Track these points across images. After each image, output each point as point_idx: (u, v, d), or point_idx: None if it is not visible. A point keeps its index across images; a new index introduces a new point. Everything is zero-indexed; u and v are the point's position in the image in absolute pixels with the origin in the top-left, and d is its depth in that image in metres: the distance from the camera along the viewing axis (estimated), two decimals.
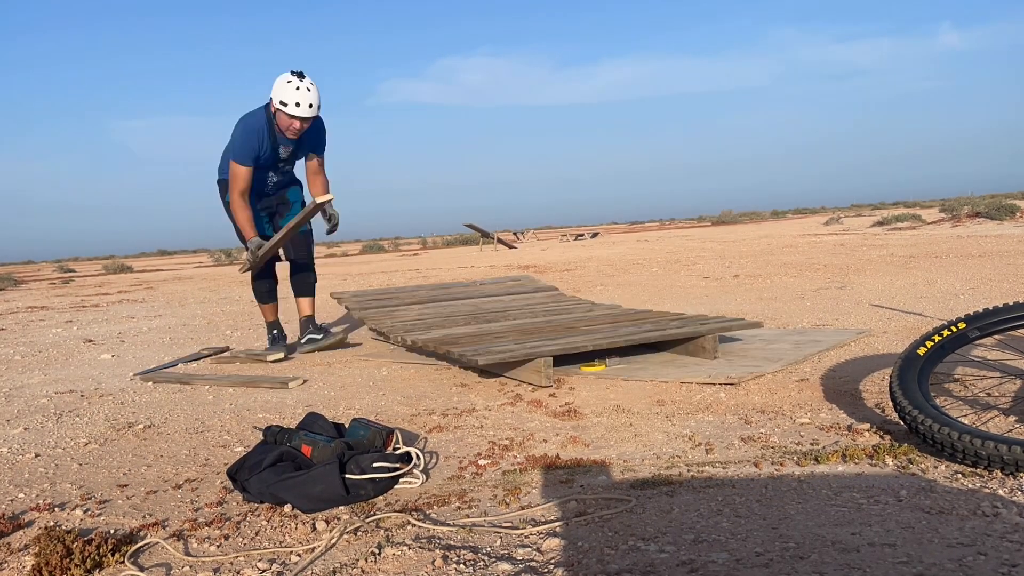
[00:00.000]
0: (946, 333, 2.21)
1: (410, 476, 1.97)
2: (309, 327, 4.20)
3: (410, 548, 1.54)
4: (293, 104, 3.64)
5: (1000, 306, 2.25)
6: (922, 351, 2.17)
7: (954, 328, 2.22)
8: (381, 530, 1.66)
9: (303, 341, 4.18)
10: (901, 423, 2.02)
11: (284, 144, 3.87)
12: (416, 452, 2.04)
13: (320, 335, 4.16)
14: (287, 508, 1.82)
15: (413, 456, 2.03)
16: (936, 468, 1.82)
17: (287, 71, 3.70)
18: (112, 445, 2.51)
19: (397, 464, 1.94)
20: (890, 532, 1.45)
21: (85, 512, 1.89)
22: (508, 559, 1.47)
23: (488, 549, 1.52)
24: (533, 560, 1.46)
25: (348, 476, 1.85)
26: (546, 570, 1.41)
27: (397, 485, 1.94)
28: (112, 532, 1.74)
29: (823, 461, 1.90)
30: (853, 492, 1.68)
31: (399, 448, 2.07)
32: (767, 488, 1.75)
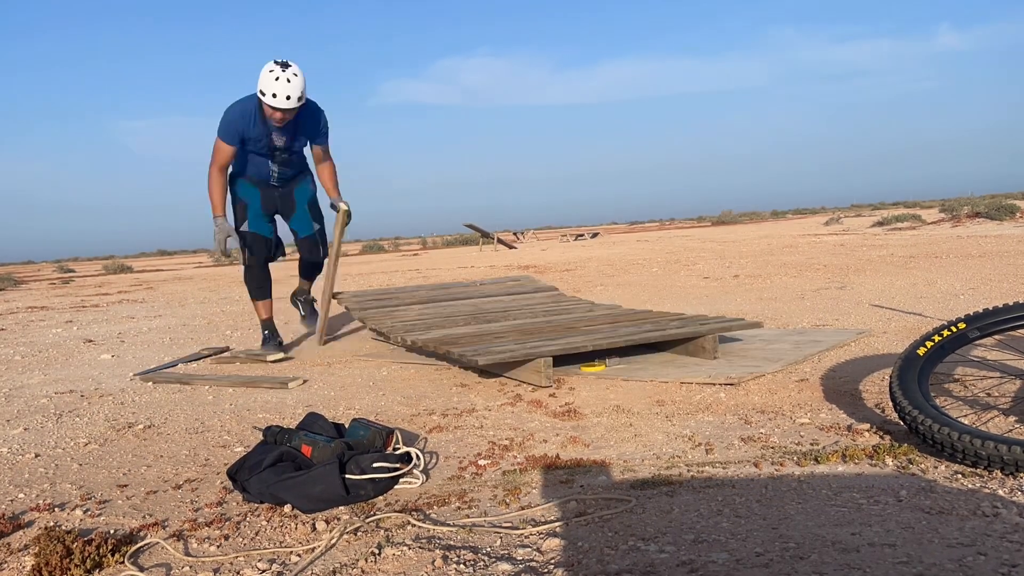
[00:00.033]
0: (946, 333, 2.21)
1: (410, 476, 1.97)
2: (302, 296, 4.51)
3: (410, 548, 1.54)
4: (270, 95, 3.57)
5: (1000, 306, 2.25)
6: (922, 351, 2.17)
7: (954, 328, 2.22)
8: (381, 530, 1.66)
9: (301, 310, 4.51)
10: (901, 423, 2.02)
11: (277, 132, 3.78)
12: (416, 452, 2.04)
13: (305, 312, 4.51)
14: (287, 508, 1.82)
15: (413, 456, 2.03)
16: (936, 468, 1.82)
17: (273, 60, 3.60)
18: (112, 445, 2.51)
19: (397, 464, 1.94)
20: (890, 532, 1.45)
21: (85, 512, 1.89)
22: (508, 559, 1.47)
23: (488, 549, 1.52)
24: (533, 560, 1.46)
25: (348, 476, 1.85)
26: (546, 570, 1.41)
27: (397, 485, 1.94)
28: (112, 532, 1.74)
29: (823, 461, 1.90)
30: (853, 492, 1.68)
31: (399, 448, 2.07)
32: (767, 488, 1.75)
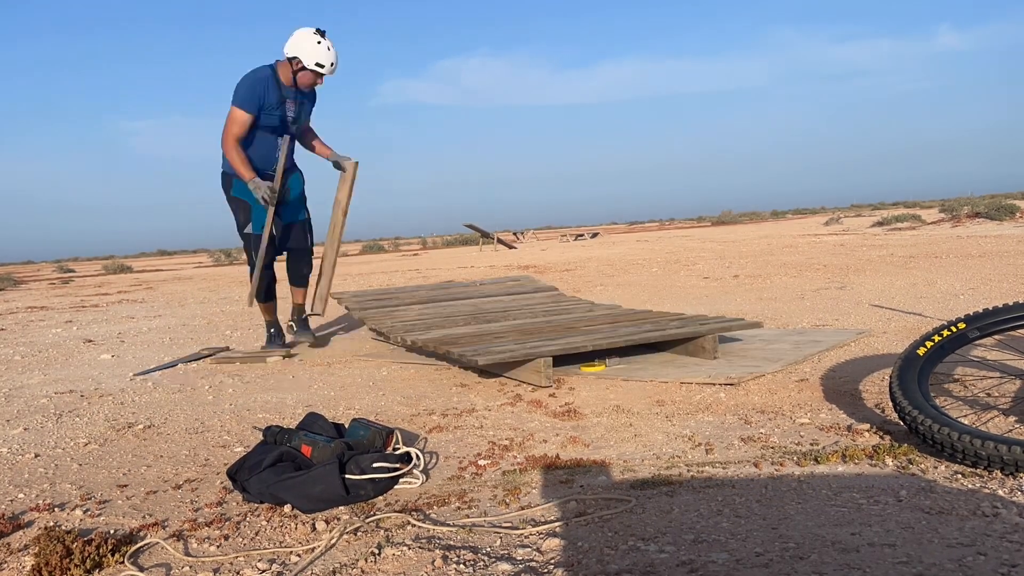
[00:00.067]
0: (946, 333, 2.21)
1: (410, 476, 1.97)
2: (294, 315, 4.38)
3: (410, 548, 1.54)
4: (328, 64, 3.67)
5: (1000, 306, 2.25)
6: (922, 351, 2.17)
7: (954, 328, 2.22)
8: (381, 530, 1.66)
9: (293, 327, 4.37)
10: (901, 423, 2.02)
11: (291, 98, 3.78)
12: (416, 452, 2.04)
13: (298, 328, 4.35)
14: (287, 508, 1.82)
15: (413, 456, 2.03)
16: (936, 468, 1.82)
17: (308, 29, 3.59)
18: (112, 445, 2.51)
19: (397, 464, 1.94)
20: (890, 532, 1.45)
21: (85, 512, 1.89)
22: (508, 559, 1.47)
23: (488, 549, 1.52)
24: (533, 560, 1.46)
25: (348, 476, 1.85)
26: (546, 570, 1.41)
27: (397, 485, 1.94)
28: (112, 532, 1.74)
29: (823, 461, 1.90)
30: (853, 492, 1.68)
31: (399, 448, 2.07)
32: (767, 488, 1.75)
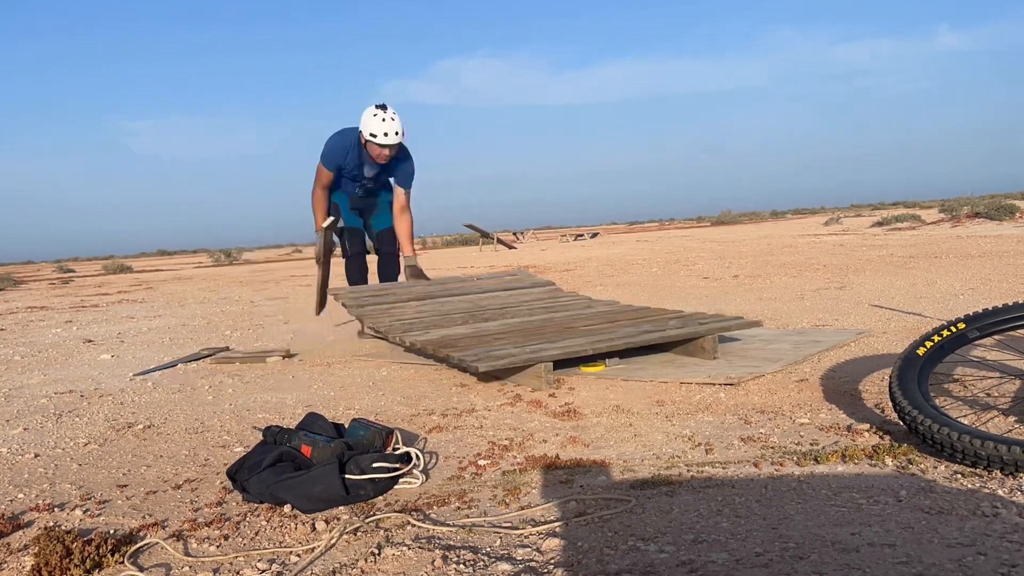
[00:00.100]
0: (945, 333, 2.21)
1: (410, 476, 1.97)
2: None
3: (410, 548, 1.54)
4: (382, 134, 4.15)
5: (999, 306, 2.25)
6: (922, 351, 2.17)
7: (953, 328, 2.22)
8: (381, 530, 1.66)
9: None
10: (901, 423, 2.02)
11: (370, 167, 4.38)
12: (416, 452, 2.04)
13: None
14: (287, 508, 1.82)
15: (413, 456, 2.03)
16: (936, 468, 1.82)
17: (372, 106, 4.16)
18: (112, 445, 2.51)
19: (397, 464, 1.94)
20: (890, 532, 1.45)
21: (85, 512, 1.89)
22: (508, 559, 1.47)
23: (488, 549, 1.52)
24: (533, 560, 1.46)
25: (348, 476, 1.85)
26: (546, 570, 1.41)
27: (397, 485, 1.94)
28: (112, 532, 1.74)
29: (823, 461, 1.90)
30: (853, 492, 1.68)
31: (399, 448, 2.07)
32: (767, 488, 1.75)
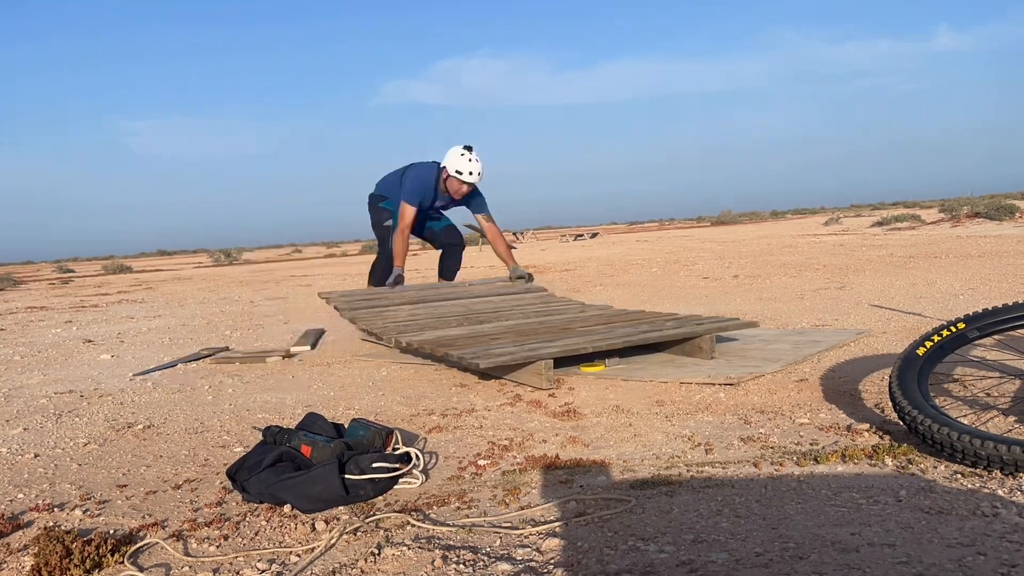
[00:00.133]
0: (945, 333, 2.21)
1: (410, 476, 1.97)
2: None
3: (410, 548, 1.54)
4: (467, 173, 4.66)
5: (999, 306, 2.25)
6: (921, 351, 2.17)
7: (953, 328, 2.22)
8: (381, 530, 1.66)
9: None
10: (900, 423, 2.02)
11: (442, 199, 4.87)
12: (416, 452, 2.04)
13: None
14: (287, 508, 1.81)
15: (412, 456, 2.03)
16: (935, 468, 1.82)
17: (459, 146, 4.67)
18: (111, 445, 2.50)
19: (396, 464, 1.94)
20: (890, 532, 1.45)
21: (84, 512, 1.89)
22: (508, 559, 1.47)
23: (488, 549, 1.52)
24: (533, 560, 1.46)
25: (347, 476, 1.84)
26: (546, 570, 1.41)
27: (397, 485, 1.94)
28: (112, 532, 1.74)
29: (822, 461, 1.90)
30: (853, 492, 1.68)
31: (399, 448, 2.07)
32: (767, 488, 1.75)
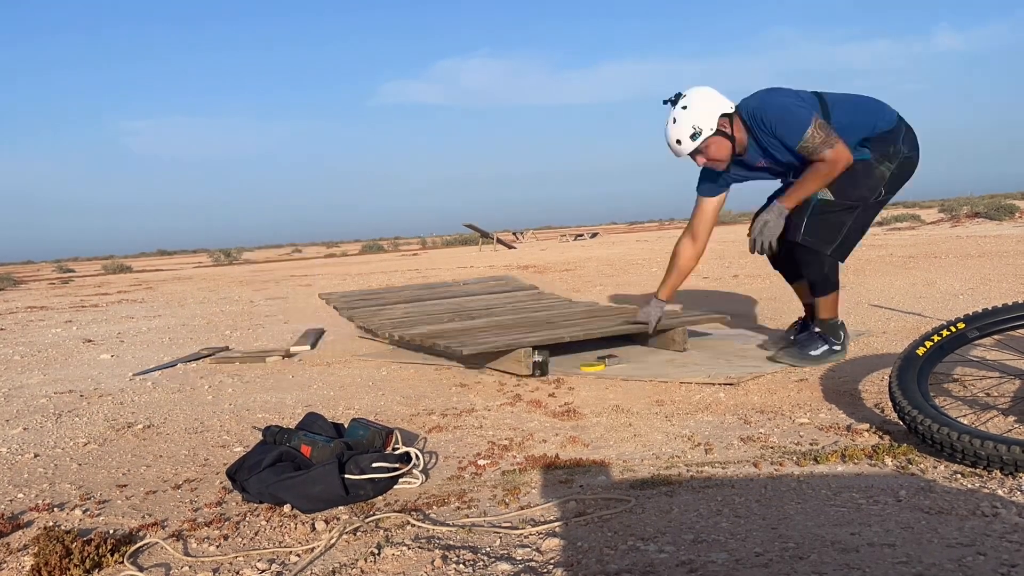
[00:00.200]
0: (945, 333, 2.21)
1: (409, 476, 1.97)
2: (799, 331, 3.22)
3: (409, 548, 1.54)
4: (666, 142, 3.00)
5: (999, 306, 2.25)
6: (921, 351, 2.17)
7: (953, 328, 2.22)
8: (380, 530, 1.66)
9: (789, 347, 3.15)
10: (900, 423, 2.02)
11: (737, 167, 3.13)
12: (415, 452, 2.04)
13: (822, 346, 3.05)
14: (286, 508, 1.82)
15: (412, 456, 2.03)
16: (935, 468, 1.82)
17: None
18: (111, 445, 2.51)
19: (396, 464, 1.94)
20: (889, 532, 1.45)
21: (84, 512, 1.89)
22: (507, 559, 1.47)
23: (487, 549, 1.52)
24: (532, 560, 1.46)
25: (347, 476, 1.84)
26: (545, 570, 1.41)
27: (396, 485, 1.94)
28: (111, 532, 1.74)
29: (822, 461, 1.90)
30: (852, 492, 1.68)
31: (398, 448, 2.07)
32: (766, 488, 1.75)
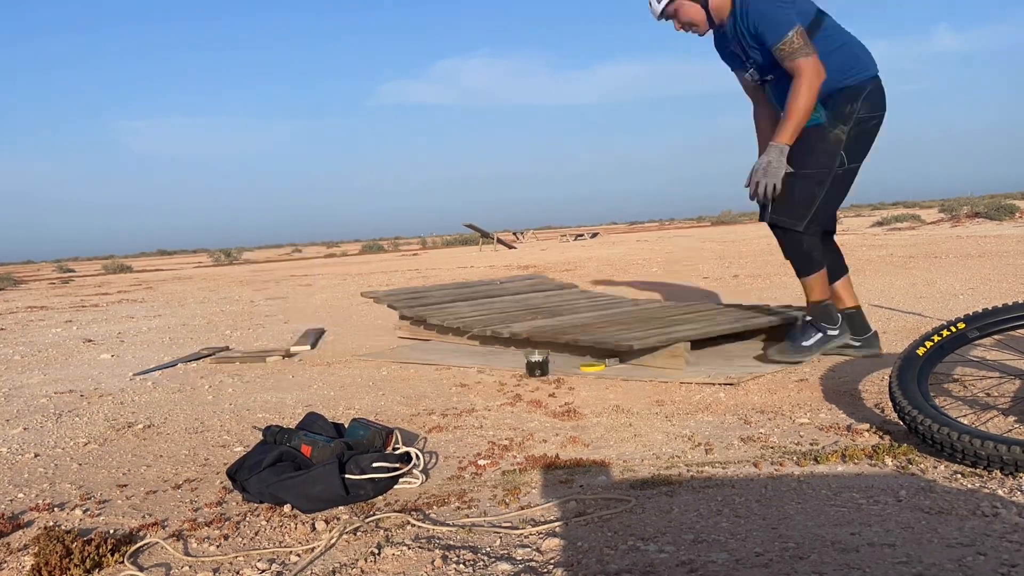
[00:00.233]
0: (945, 333, 2.21)
1: (410, 476, 1.97)
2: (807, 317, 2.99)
3: (410, 548, 1.54)
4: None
5: (999, 306, 2.25)
6: (921, 351, 2.17)
7: (953, 328, 2.22)
8: (381, 530, 1.66)
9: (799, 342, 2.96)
10: (900, 423, 2.02)
11: (724, 46, 2.88)
12: (416, 452, 2.04)
13: (815, 334, 2.89)
14: (287, 508, 1.82)
15: (413, 456, 2.03)
16: (935, 468, 1.82)
17: None
18: (112, 445, 2.51)
19: (397, 464, 1.94)
20: (890, 532, 1.45)
21: (85, 512, 1.89)
22: (508, 559, 1.47)
23: (488, 549, 1.52)
24: (533, 560, 1.46)
25: (348, 476, 1.85)
26: (545, 570, 1.41)
27: (397, 485, 1.94)
28: (112, 532, 1.74)
29: (823, 461, 1.90)
30: (853, 492, 1.68)
31: (399, 448, 2.07)
32: (767, 488, 1.75)
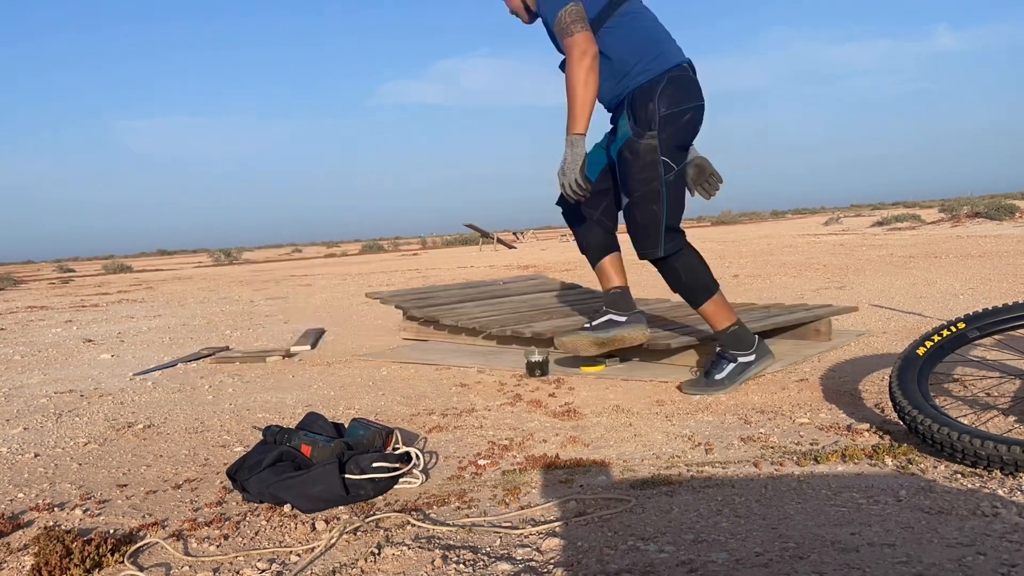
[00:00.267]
0: (945, 333, 2.21)
1: (410, 476, 1.97)
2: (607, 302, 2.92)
3: (410, 548, 1.54)
4: None
5: (999, 306, 2.25)
6: (921, 351, 2.17)
7: (953, 328, 2.22)
8: (381, 530, 1.66)
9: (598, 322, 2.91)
10: (900, 423, 2.02)
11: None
12: (416, 452, 2.04)
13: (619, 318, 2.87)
14: (287, 508, 1.82)
15: (413, 456, 2.03)
16: (936, 468, 1.82)
17: None
18: (112, 445, 2.51)
19: (397, 464, 1.94)
20: (890, 532, 1.45)
21: (85, 512, 1.89)
22: (508, 559, 1.47)
23: (488, 549, 1.52)
24: (533, 560, 1.46)
25: (347, 476, 1.85)
26: (545, 570, 1.41)
27: (397, 485, 1.94)
28: (112, 532, 1.74)
29: (823, 461, 1.90)
30: (853, 492, 1.68)
31: (399, 448, 2.07)
32: (767, 488, 1.75)
